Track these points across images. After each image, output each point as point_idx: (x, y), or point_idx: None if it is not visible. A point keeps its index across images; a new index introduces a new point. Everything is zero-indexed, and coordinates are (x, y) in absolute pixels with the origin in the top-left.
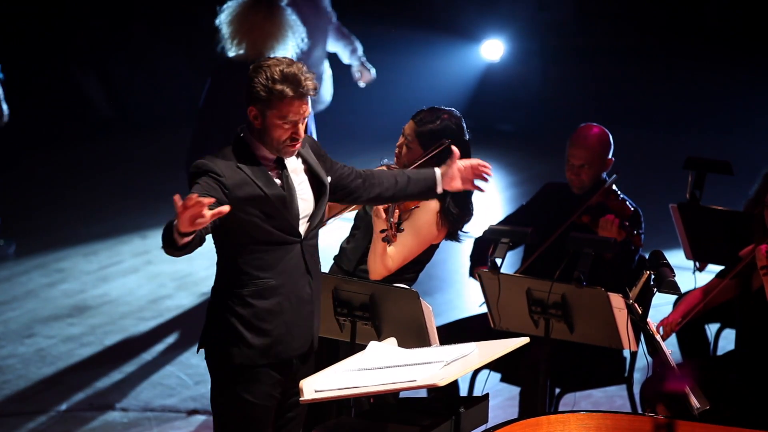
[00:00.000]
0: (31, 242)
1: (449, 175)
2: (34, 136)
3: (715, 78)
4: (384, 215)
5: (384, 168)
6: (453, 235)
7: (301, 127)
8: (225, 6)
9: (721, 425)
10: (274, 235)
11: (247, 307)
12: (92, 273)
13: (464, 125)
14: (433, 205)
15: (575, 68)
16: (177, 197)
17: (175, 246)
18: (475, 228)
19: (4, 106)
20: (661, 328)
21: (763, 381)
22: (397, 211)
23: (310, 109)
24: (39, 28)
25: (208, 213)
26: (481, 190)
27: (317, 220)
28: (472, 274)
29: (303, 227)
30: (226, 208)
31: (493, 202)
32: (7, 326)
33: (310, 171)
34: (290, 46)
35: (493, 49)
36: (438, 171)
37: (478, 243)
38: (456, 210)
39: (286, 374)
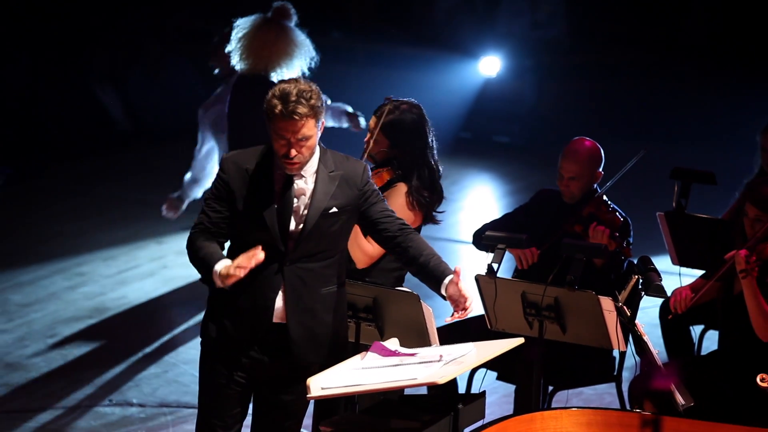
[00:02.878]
0: (54, 248)
1: (450, 290)
2: (57, 148)
3: (700, 92)
4: None
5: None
6: (429, 217)
7: (299, 149)
8: (237, 23)
9: (705, 421)
10: (254, 237)
11: (219, 294)
12: (111, 277)
13: (424, 113)
14: (401, 187)
15: (568, 83)
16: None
17: (210, 284)
18: (470, 229)
19: None
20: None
21: (744, 379)
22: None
23: (310, 132)
24: (61, 47)
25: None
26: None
27: (310, 246)
28: (475, 243)
29: (292, 244)
30: (261, 256)
31: (490, 209)
32: (31, 327)
33: (312, 195)
34: (297, 64)
35: (490, 65)
36: (449, 277)
37: (476, 235)
38: (426, 192)
39: (252, 364)
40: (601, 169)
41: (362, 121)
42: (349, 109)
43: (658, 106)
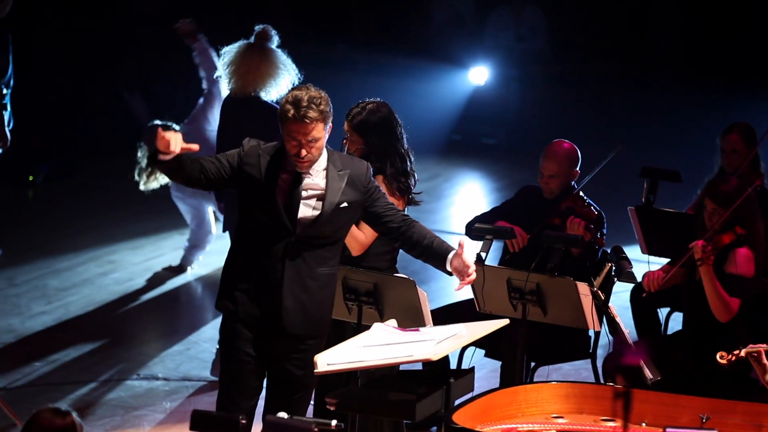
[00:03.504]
0: (87, 238)
1: (455, 263)
2: (88, 147)
3: (667, 99)
4: None
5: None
6: (409, 199)
7: (309, 150)
8: (224, 51)
9: (670, 393)
10: (262, 218)
11: (233, 269)
12: (138, 264)
13: (391, 109)
14: (378, 179)
15: (549, 91)
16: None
17: (155, 160)
18: (463, 224)
19: (8, 133)
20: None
21: (705, 356)
22: None
23: (319, 135)
24: (95, 58)
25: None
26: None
27: (318, 231)
28: (467, 233)
29: (300, 227)
30: (195, 147)
31: (479, 204)
32: (68, 309)
33: (325, 191)
34: (282, 83)
35: (479, 75)
36: (452, 252)
37: (468, 226)
38: (402, 178)
39: (259, 339)
40: (577, 168)
41: None
42: None
43: (629, 111)
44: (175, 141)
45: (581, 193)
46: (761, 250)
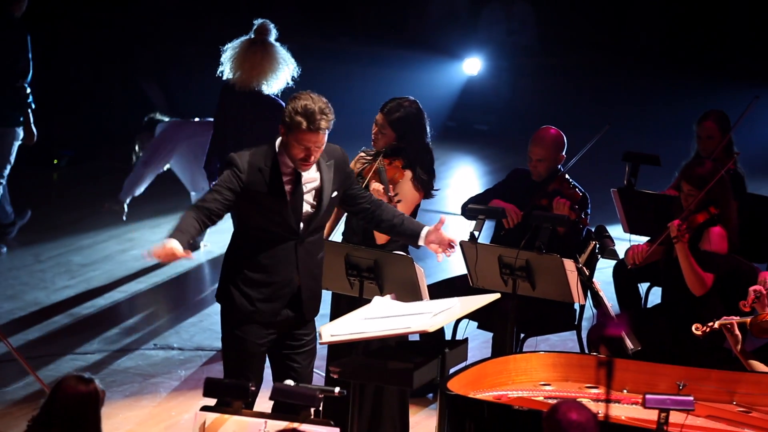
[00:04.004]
0: (108, 218)
1: (431, 237)
2: (109, 133)
3: (648, 88)
4: (383, 192)
5: (362, 155)
6: (428, 194)
7: (316, 154)
8: (227, 46)
9: (650, 362)
10: (271, 227)
11: (244, 274)
12: (156, 242)
13: (421, 107)
14: (408, 174)
15: (537, 81)
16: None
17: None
18: (458, 205)
19: (34, 129)
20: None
21: (682, 328)
22: (391, 186)
23: (324, 140)
24: (115, 50)
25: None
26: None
27: (316, 224)
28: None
29: (304, 225)
30: (191, 256)
31: (472, 186)
32: (90, 283)
33: (321, 184)
34: (282, 75)
35: (472, 66)
36: (426, 229)
37: (463, 207)
38: (425, 176)
39: (276, 327)
40: (563, 153)
41: None
42: None
43: (613, 100)
44: (174, 251)
45: (567, 176)
46: (733, 229)
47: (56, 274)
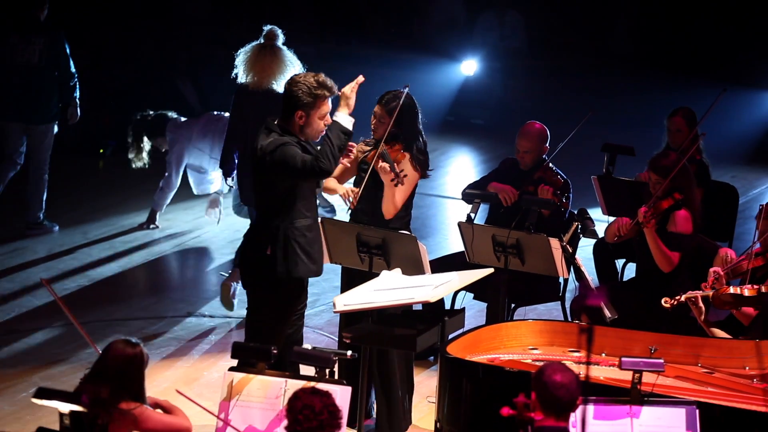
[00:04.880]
0: (147, 200)
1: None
2: None
3: (625, 88)
4: (389, 170)
5: (362, 144)
6: (424, 174)
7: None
8: (240, 50)
9: (625, 329)
10: (311, 187)
11: (303, 235)
12: (189, 222)
13: (414, 100)
14: (406, 155)
15: (526, 81)
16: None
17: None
18: (456, 190)
19: (78, 111)
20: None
21: (653, 299)
22: (396, 163)
23: None
24: (154, 52)
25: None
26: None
27: None
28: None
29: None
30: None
31: (468, 173)
32: (131, 258)
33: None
34: (288, 75)
35: (469, 67)
36: (338, 114)
37: (463, 192)
38: (422, 156)
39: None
40: (547, 145)
41: None
42: None
43: (592, 97)
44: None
45: (551, 165)
46: (696, 212)
47: (102, 250)
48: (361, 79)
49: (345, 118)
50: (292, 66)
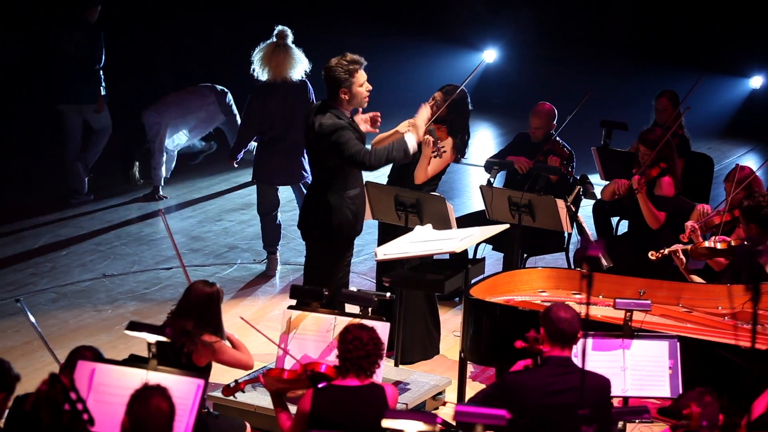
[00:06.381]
0: (222, 170)
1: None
2: None
3: (620, 74)
4: (432, 143)
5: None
6: (457, 160)
7: None
8: (257, 49)
9: (618, 275)
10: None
11: (353, 202)
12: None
13: (469, 99)
14: (450, 141)
15: (538, 67)
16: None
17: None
18: (479, 159)
19: (104, 101)
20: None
21: (642, 250)
22: (438, 140)
23: None
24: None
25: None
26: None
27: None
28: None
29: None
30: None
31: (488, 145)
32: (206, 214)
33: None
34: (298, 69)
35: (490, 55)
36: (408, 135)
37: (486, 163)
38: (462, 146)
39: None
40: (554, 122)
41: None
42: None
43: (593, 81)
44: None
45: (558, 138)
46: (678, 178)
47: (182, 209)
48: (428, 113)
49: (412, 142)
50: (300, 62)
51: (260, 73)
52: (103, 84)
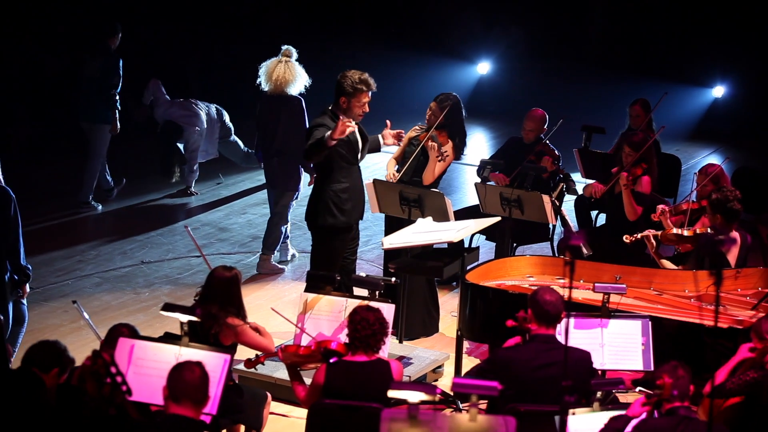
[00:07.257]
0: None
1: (384, 137)
2: None
3: (598, 83)
4: (437, 148)
5: (417, 128)
6: (458, 158)
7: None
8: (262, 65)
9: (597, 262)
10: (346, 158)
11: (336, 196)
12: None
13: (461, 103)
14: (450, 143)
15: (527, 78)
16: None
17: (324, 148)
18: (474, 159)
19: (118, 124)
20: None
21: (618, 240)
22: (441, 145)
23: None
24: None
25: (350, 127)
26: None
27: (363, 155)
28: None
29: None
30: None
31: (482, 147)
32: (233, 208)
33: (360, 130)
34: (298, 84)
35: (483, 68)
36: (380, 136)
37: (480, 163)
38: (461, 146)
39: (351, 233)
40: (545, 126)
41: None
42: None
43: (575, 89)
44: (346, 129)
45: (547, 141)
46: (655, 177)
47: (211, 204)
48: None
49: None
50: (301, 77)
51: (265, 87)
52: (119, 107)
